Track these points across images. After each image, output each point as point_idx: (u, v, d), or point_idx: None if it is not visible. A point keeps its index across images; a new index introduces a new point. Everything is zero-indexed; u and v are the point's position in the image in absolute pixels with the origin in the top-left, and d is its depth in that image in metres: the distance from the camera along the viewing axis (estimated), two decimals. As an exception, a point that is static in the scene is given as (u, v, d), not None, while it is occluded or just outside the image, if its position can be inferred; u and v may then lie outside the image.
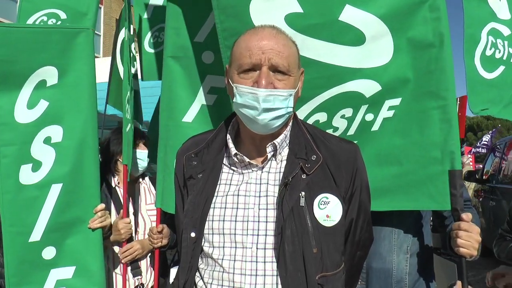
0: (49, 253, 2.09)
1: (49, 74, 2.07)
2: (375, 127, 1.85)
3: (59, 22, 2.80)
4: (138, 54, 3.08)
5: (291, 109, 1.37)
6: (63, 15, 2.75)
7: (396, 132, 1.83)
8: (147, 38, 3.08)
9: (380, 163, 1.79)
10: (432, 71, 1.75)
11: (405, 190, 1.81)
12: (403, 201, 1.81)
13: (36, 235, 2.07)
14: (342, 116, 1.86)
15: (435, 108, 1.75)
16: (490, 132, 13.74)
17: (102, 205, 2.19)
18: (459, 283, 1.74)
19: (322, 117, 1.87)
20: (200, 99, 2.19)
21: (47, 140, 2.09)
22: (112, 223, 2.32)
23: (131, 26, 2.65)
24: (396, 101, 1.82)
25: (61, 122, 2.10)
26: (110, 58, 3.37)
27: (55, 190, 2.08)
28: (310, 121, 1.86)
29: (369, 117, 1.85)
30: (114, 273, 2.61)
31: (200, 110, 2.21)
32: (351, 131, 1.87)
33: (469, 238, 1.64)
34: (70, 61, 2.09)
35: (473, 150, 13.53)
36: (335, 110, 1.85)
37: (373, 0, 1.75)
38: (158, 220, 2.42)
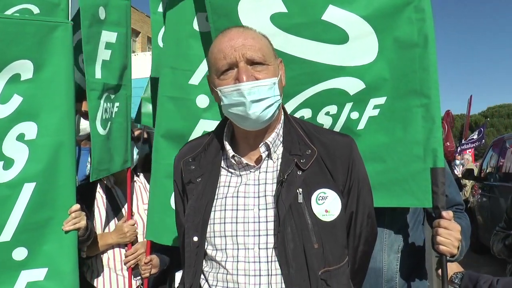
0: (20, 254, 2.01)
1: (24, 68, 1.98)
2: (361, 125, 1.87)
3: None
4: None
5: (278, 98, 1.38)
6: (36, 10, 2.63)
7: (381, 130, 1.84)
8: (161, 33, 3.00)
9: (365, 160, 1.78)
10: (416, 70, 1.77)
11: (387, 187, 1.82)
12: (385, 198, 1.82)
13: (6, 235, 1.98)
14: (327, 113, 1.88)
15: (419, 106, 1.77)
16: (479, 129, 13.59)
17: (77, 206, 2.10)
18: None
19: (307, 113, 1.89)
20: None
21: (20, 137, 2.00)
22: (84, 224, 2.19)
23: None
24: (381, 100, 1.83)
25: (36, 118, 2.02)
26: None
27: (28, 189, 1.99)
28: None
29: (354, 115, 1.87)
30: (115, 274, 2.60)
31: None
32: (336, 129, 1.88)
33: (448, 235, 1.64)
34: (46, 55, 2.01)
35: (460, 147, 13.31)
36: (319, 107, 1.88)
37: (357, 1, 1.78)
38: (148, 251, 2.43)
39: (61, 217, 2.07)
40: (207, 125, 2.11)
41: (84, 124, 3.21)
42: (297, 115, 1.88)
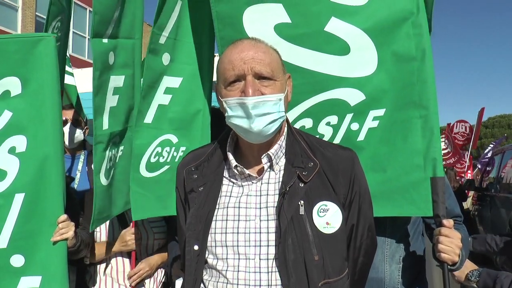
0: (17, 260, 2.08)
1: (12, 84, 2.06)
2: (361, 137, 1.89)
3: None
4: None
5: (283, 113, 1.39)
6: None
7: (381, 142, 1.87)
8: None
9: (366, 170, 1.80)
10: (414, 83, 1.81)
11: (388, 197, 1.84)
12: (386, 207, 1.84)
13: (2, 243, 2.06)
14: (328, 124, 1.91)
15: (418, 117, 1.81)
16: (492, 144, 13.29)
17: (64, 216, 2.11)
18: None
19: (308, 123, 1.93)
20: (157, 100, 2.22)
21: (12, 150, 2.08)
22: (71, 234, 2.18)
23: None
24: (381, 112, 1.86)
25: (25, 131, 2.09)
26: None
27: (18, 199, 2.07)
28: (297, 126, 1.90)
29: (355, 126, 1.89)
30: (117, 284, 2.59)
31: (157, 110, 2.23)
32: (337, 140, 1.91)
33: (449, 243, 1.65)
34: (31, 70, 2.07)
35: (478, 166, 13.12)
36: (320, 117, 1.91)
37: (358, 14, 1.82)
38: (133, 262, 2.48)
39: (50, 226, 2.10)
40: (169, 82, 2.19)
41: (77, 133, 3.24)
42: (299, 124, 1.91)
